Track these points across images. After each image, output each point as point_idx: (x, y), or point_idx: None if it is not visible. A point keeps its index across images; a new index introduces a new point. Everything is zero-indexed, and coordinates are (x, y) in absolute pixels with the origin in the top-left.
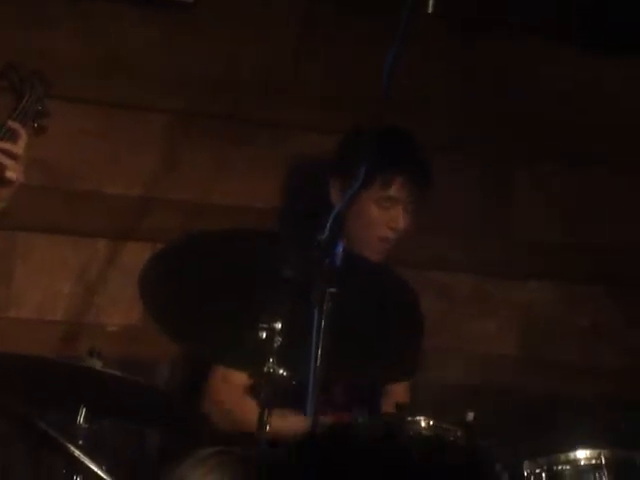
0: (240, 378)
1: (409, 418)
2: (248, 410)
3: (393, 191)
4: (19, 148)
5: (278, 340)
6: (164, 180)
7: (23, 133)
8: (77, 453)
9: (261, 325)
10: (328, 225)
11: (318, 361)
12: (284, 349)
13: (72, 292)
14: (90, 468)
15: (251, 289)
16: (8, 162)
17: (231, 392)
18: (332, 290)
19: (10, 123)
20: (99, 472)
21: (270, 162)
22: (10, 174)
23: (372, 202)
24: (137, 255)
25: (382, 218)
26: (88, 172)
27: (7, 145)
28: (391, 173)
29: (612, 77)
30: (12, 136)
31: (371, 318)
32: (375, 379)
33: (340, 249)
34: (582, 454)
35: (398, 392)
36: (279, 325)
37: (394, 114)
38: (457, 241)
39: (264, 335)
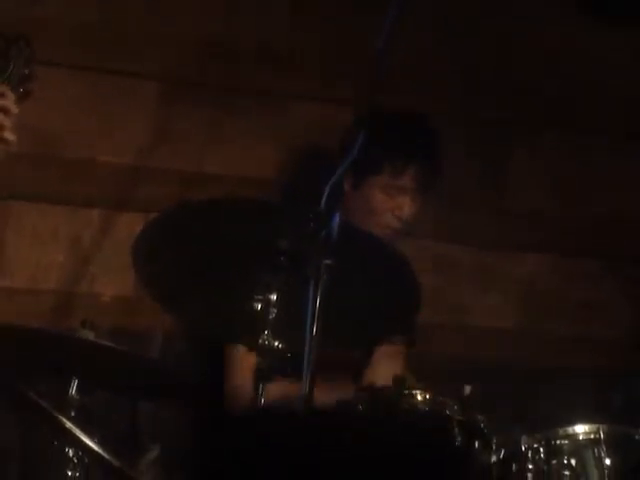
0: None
1: (406, 392)
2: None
3: (403, 181)
4: (12, 107)
5: (273, 312)
6: (158, 149)
7: (12, 95)
8: (69, 425)
9: (256, 297)
10: (324, 196)
11: (313, 333)
12: (279, 321)
13: (65, 262)
14: (82, 440)
15: (246, 260)
16: (5, 121)
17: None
18: (328, 262)
19: None
20: (91, 444)
21: (264, 131)
22: (8, 134)
23: (378, 189)
24: (130, 225)
25: (387, 205)
26: (81, 140)
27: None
28: (403, 162)
29: (615, 48)
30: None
31: (367, 289)
32: (371, 348)
33: (336, 221)
34: (581, 429)
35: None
36: (274, 297)
37: (395, 84)
38: (456, 213)
39: (259, 307)
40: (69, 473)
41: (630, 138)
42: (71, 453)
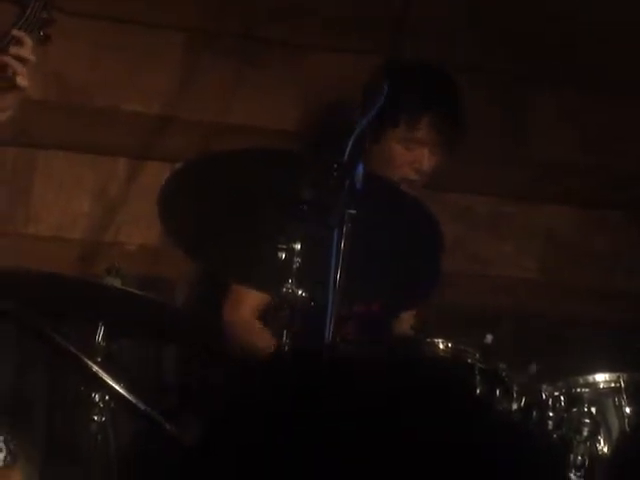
0: (254, 299)
1: (427, 340)
2: (257, 336)
3: (419, 133)
4: (27, 53)
5: (297, 261)
6: (183, 99)
7: (28, 40)
8: (95, 369)
9: (280, 246)
10: (348, 146)
11: (337, 282)
12: (303, 270)
13: (91, 211)
14: (109, 385)
15: (270, 210)
16: (19, 68)
17: (242, 315)
18: (351, 212)
19: (15, 32)
20: (118, 389)
21: (289, 82)
22: (20, 80)
23: (397, 142)
24: (156, 174)
25: (405, 158)
26: (107, 89)
27: (16, 50)
28: (417, 113)
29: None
30: (17, 44)
31: (390, 239)
32: (394, 301)
33: (360, 171)
34: (601, 377)
35: (406, 317)
36: (298, 246)
37: (415, 34)
38: (477, 163)
39: (283, 256)
40: (95, 418)
41: None
42: (97, 398)
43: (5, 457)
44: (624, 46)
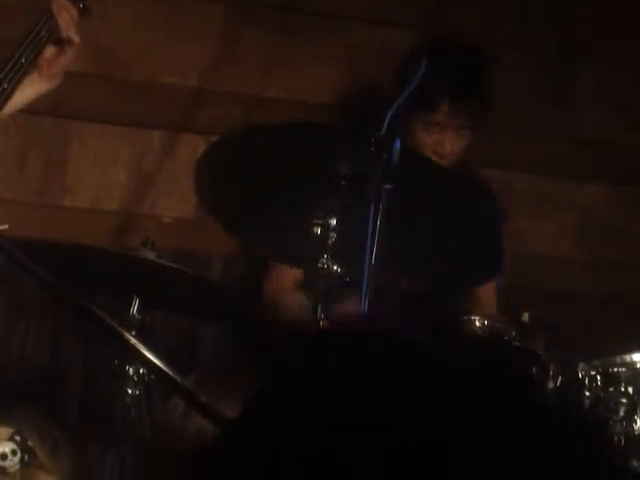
0: (295, 276)
1: (464, 317)
2: (298, 306)
3: (439, 116)
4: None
5: (333, 236)
6: (221, 71)
7: (73, 10)
8: (130, 341)
9: (315, 221)
10: (386, 120)
11: (373, 258)
12: (339, 245)
13: (127, 183)
14: (143, 358)
15: (306, 184)
16: (71, 24)
17: (285, 290)
18: (388, 187)
19: (58, 1)
20: (153, 359)
21: (328, 55)
22: (73, 34)
23: (420, 126)
24: (192, 147)
25: (427, 142)
26: (144, 61)
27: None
28: (437, 95)
29: None
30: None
31: (435, 215)
32: (442, 279)
33: (397, 145)
34: (638, 357)
35: (484, 295)
36: (334, 221)
37: (456, 10)
38: (516, 140)
39: (318, 231)
40: (129, 391)
41: None
42: (131, 371)
43: (22, 458)
44: None
